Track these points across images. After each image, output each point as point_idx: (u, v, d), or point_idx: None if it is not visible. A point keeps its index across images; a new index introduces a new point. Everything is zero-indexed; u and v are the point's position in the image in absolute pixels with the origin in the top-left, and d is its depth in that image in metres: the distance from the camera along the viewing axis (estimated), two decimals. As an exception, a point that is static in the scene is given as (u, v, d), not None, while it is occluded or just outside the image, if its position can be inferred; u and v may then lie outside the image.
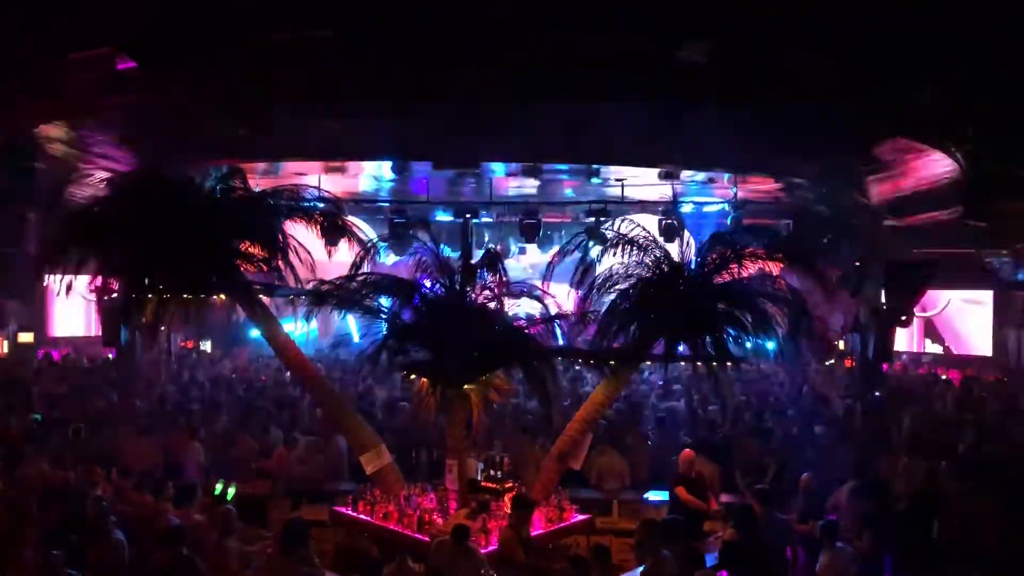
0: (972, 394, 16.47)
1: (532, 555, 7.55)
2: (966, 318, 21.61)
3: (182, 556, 6.79)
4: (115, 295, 9.28)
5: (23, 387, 15.23)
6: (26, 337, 21.45)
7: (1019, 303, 20.22)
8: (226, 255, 9.07)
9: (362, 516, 8.85)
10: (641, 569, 7.16)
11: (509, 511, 8.03)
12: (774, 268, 9.30)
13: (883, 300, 17.00)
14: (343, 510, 9.17)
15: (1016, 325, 20.59)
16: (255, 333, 17.09)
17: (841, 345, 21.56)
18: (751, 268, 9.00)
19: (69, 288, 8.83)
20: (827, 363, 21.19)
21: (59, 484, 8.87)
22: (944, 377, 19.59)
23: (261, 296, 9.36)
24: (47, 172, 14.42)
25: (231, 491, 9.41)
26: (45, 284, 9.69)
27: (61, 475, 9.28)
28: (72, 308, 21.56)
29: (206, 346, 24.34)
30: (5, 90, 11.85)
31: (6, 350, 20.62)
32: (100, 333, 18.75)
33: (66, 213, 9.03)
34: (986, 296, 21.02)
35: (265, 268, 9.15)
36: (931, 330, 22.12)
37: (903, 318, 16.50)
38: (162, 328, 9.22)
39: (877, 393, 16.03)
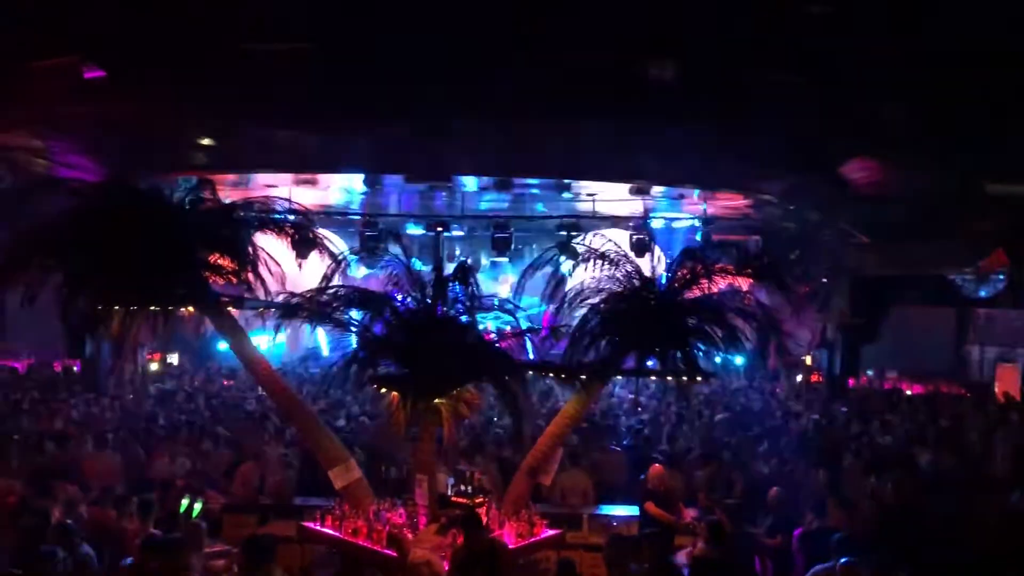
0: (934, 409, 16.72)
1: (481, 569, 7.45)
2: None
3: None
4: (81, 307, 9.09)
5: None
6: (-12, 349, 21.15)
7: (981, 320, 20.58)
8: (195, 267, 8.95)
9: (331, 531, 8.75)
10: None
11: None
12: (743, 284, 9.38)
13: (850, 316, 17.24)
14: (311, 525, 9.06)
15: (977, 342, 20.95)
16: (223, 346, 16.92)
17: (808, 360, 21.82)
18: (721, 283, 9.07)
19: (32, 300, 8.67)
20: (795, 378, 21.42)
21: (18, 501, 8.68)
22: (908, 392, 19.89)
23: (230, 309, 9.26)
24: (11, 182, 14.21)
25: (198, 506, 9.28)
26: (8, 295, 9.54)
27: (22, 490, 9.10)
28: (35, 319, 21.22)
29: (173, 359, 24.09)
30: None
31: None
32: (65, 345, 18.55)
33: (31, 224, 8.85)
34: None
35: (234, 280, 9.05)
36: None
37: (869, 335, 16.73)
38: (129, 341, 9.07)
39: (844, 408, 16.22)
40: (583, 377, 8.90)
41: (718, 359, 9.03)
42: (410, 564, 7.49)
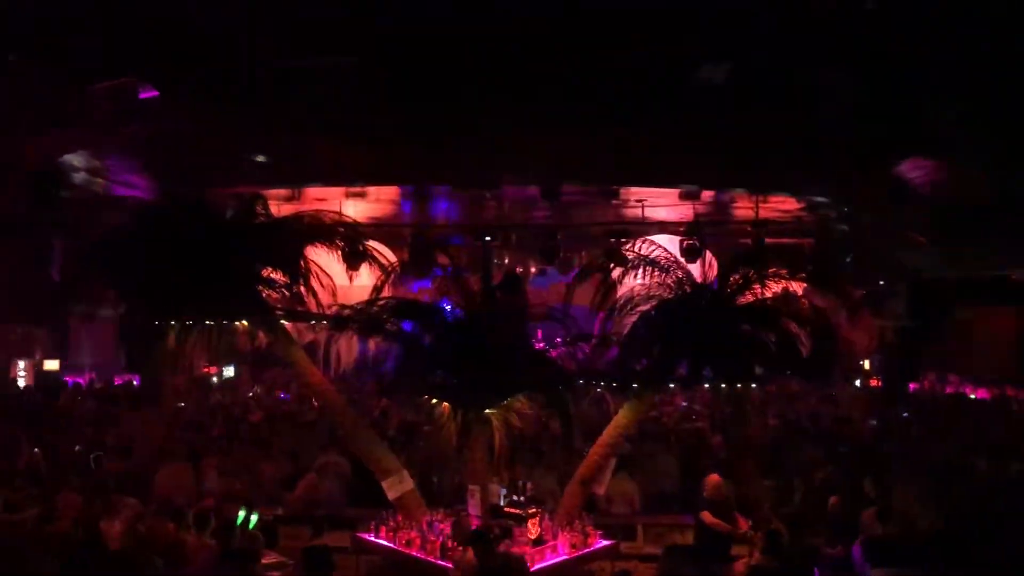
0: (1001, 414, 16.25)
1: None
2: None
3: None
4: (138, 321, 9.31)
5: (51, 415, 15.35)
6: (52, 364, 21.73)
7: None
8: (248, 281, 9.09)
9: (385, 542, 8.79)
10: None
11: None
12: (797, 288, 9.22)
13: (908, 320, 16.85)
14: (366, 536, 9.12)
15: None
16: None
17: (867, 365, 21.38)
18: (774, 288, 8.93)
19: (92, 315, 8.87)
20: (853, 383, 21.00)
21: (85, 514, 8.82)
22: (972, 396, 19.35)
23: (283, 321, 9.37)
24: (71, 201, 14.57)
25: (254, 518, 9.38)
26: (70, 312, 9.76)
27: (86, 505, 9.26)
28: (95, 334, 21.81)
29: (229, 371, 24.48)
30: (29, 120, 12.00)
31: (20, 376, 20.92)
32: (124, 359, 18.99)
33: (89, 241, 9.07)
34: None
35: (287, 293, 9.17)
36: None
37: (930, 338, 16.30)
38: (186, 355, 9.22)
39: (905, 414, 15.85)
40: (635, 385, 8.82)
41: (773, 365, 8.87)
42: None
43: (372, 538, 9.00)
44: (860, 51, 10.45)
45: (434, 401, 9.03)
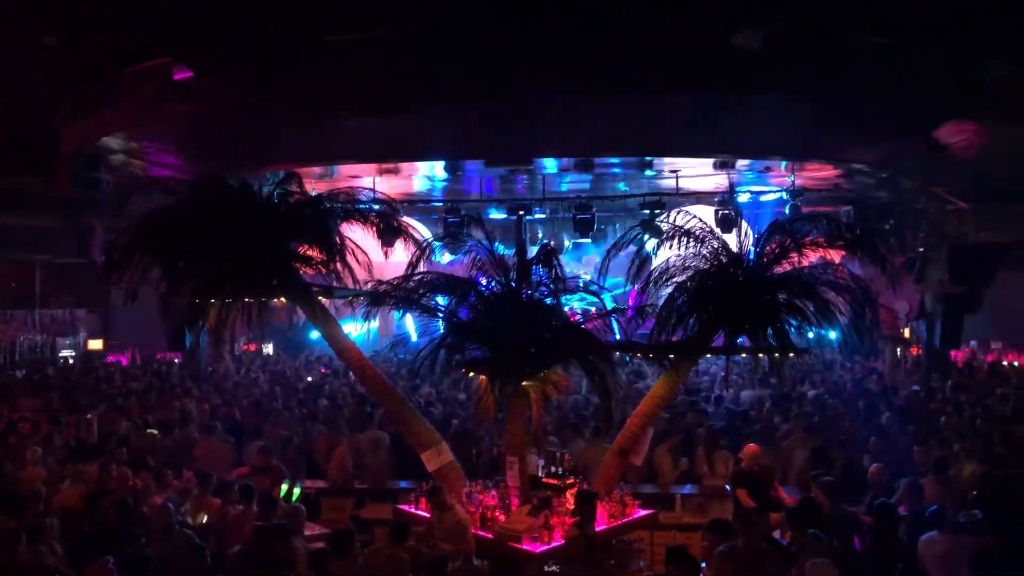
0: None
1: (598, 552, 7.48)
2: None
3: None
4: (179, 300, 9.44)
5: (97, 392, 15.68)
6: (96, 344, 22.22)
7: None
8: (285, 258, 9.18)
9: (425, 514, 8.89)
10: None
11: (573, 508, 7.98)
12: (835, 256, 9.10)
13: (950, 286, 16.56)
14: (407, 508, 9.23)
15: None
16: (316, 335, 17.30)
17: (907, 333, 21.10)
18: (812, 257, 8.82)
19: (134, 296, 9.02)
20: (893, 352, 20.74)
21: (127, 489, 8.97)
22: (1016, 363, 19.04)
23: (320, 298, 9.46)
24: (112, 183, 14.79)
25: (297, 491, 9.54)
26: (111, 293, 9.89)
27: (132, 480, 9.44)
28: (135, 314, 22.24)
29: (268, 349, 24.79)
30: (67, 104, 12.17)
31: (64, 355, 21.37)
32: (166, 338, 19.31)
33: (130, 222, 9.20)
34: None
35: (324, 270, 9.25)
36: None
37: (972, 305, 16.01)
38: (226, 332, 9.32)
39: (950, 381, 15.63)
40: (672, 356, 8.79)
41: (811, 334, 8.77)
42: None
43: (413, 510, 9.11)
44: (900, 13, 10.24)
45: (471, 374, 9.07)
